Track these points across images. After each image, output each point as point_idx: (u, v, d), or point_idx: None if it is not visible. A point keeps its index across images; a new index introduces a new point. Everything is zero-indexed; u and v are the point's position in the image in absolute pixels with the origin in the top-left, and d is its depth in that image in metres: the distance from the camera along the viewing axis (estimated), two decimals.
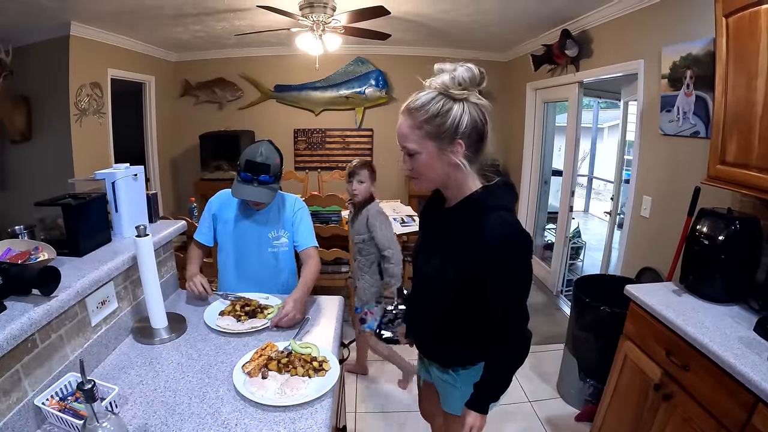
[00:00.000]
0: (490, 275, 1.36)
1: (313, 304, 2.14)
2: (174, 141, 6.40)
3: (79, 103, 4.45)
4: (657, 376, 1.99)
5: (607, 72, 3.84)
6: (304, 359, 1.56)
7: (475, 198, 1.41)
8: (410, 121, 1.35)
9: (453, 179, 1.42)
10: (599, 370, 2.75)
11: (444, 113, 1.31)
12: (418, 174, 1.42)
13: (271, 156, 2.14)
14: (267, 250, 2.29)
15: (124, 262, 1.74)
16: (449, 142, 1.33)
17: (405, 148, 1.38)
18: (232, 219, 2.27)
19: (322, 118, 6.41)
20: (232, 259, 2.30)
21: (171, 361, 1.62)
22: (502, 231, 1.34)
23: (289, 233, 2.32)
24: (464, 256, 1.40)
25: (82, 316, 1.52)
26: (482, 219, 1.37)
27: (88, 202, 1.75)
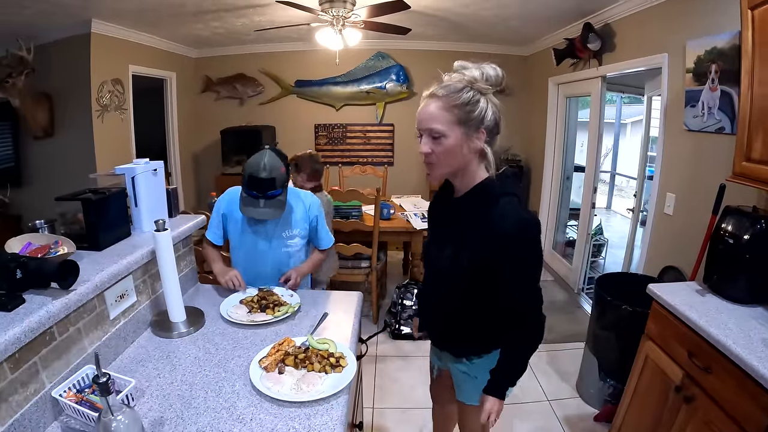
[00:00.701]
0: (503, 261, 1.41)
1: (330, 299, 2.14)
2: (195, 136, 6.45)
3: (100, 99, 4.50)
4: (678, 378, 1.95)
5: (630, 66, 3.77)
6: (321, 355, 1.55)
7: (486, 186, 1.47)
8: (440, 104, 1.39)
9: (467, 167, 1.48)
10: (620, 370, 2.71)
11: (474, 103, 1.39)
12: (438, 158, 1.44)
13: (275, 166, 2.04)
14: (281, 249, 2.28)
15: (143, 257, 1.75)
16: (474, 130, 1.41)
17: (431, 130, 1.41)
18: (242, 218, 2.24)
19: (343, 113, 6.41)
20: (245, 258, 2.30)
21: (188, 355, 1.63)
22: (512, 217, 1.40)
23: (303, 231, 2.32)
24: (476, 243, 1.45)
25: (100, 309, 1.54)
26: (493, 206, 1.42)
27: (108, 197, 1.77)
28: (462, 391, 1.78)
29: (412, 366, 3.59)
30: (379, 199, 3.74)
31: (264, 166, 2.01)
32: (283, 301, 2.02)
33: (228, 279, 2.12)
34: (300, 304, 2.02)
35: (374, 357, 3.63)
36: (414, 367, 3.58)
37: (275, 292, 2.10)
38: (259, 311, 1.94)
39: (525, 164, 6.12)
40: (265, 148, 2.11)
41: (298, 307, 1.99)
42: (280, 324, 1.87)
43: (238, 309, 1.96)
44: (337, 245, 3.65)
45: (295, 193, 2.34)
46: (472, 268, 1.47)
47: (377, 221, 3.80)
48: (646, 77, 4.48)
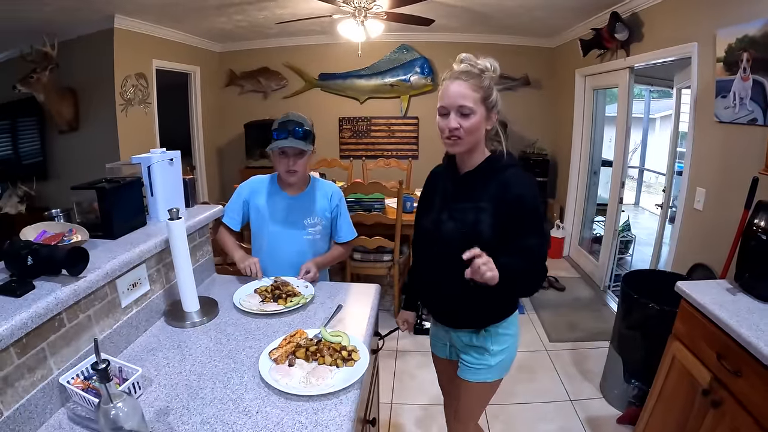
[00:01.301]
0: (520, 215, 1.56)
1: (347, 291, 2.10)
2: (219, 130, 6.51)
3: (124, 94, 4.56)
4: (706, 381, 1.85)
5: (658, 56, 3.67)
6: (333, 348, 1.52)
7: (493, 160, 1.65)
8: (469, 84, 1.54)
9: (480, 143, 1.65)
10: (645, 371, 2.61)
11: (491, 88, 1.58)
12: (466, 133, 1.56)
13: (304, 118, 2.20)
14: (302, 237, 2.26)
15: (157, 245, 1.74)
16: (492, 110, 1.60)
17: (462, 107, 1.54)
18: (265, 205, 2.25)
19: (367, 106, 6.40)
20: (266, 246, 2.28)
21: (199, 345, 1.61)
22: (521, 181, 1.60)
23: (324, 221, 2.30)
24: (494, 208, 1.59)
25: (111, 297, 1.53)
26: (504, 173, 1.62)
27: (122, 186, 1.76)
28: (471, 370, 1.81)
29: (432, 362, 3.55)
30: (402, 191, 3.70)
31: (293, 114, 2.19)
32: (297, 292, 1.99)
33: (246, 265, 2.11)
34: (313, 295, 1.98)
35: (394, 352, 3.60)
36: None
37: (290, 282, 2.08)
38: (271, 301, 1.92)
39: (551, 158, 6.03)
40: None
41: (311, 298, 1.95)
42: (294, 315, 1.84)
43: (251, 298, 1.95)
44: (359, 238, 3.61)
45: (318, 181, 2.35)
46: (493, 233, 1.58)
47: (400, 214, 3.76)
48: (675, 68, 4.38)
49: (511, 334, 1.80)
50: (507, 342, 1.79)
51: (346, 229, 2.38)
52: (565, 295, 4.67)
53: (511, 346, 1.81)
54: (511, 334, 1.80)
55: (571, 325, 4.01)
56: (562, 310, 4.31)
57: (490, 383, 1.82)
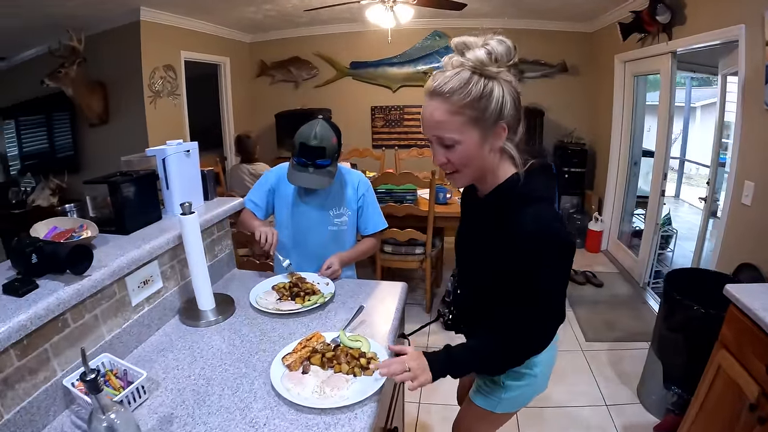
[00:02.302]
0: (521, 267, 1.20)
1: (371, 289, 2.00)
2: (250, 121, 6.49)
3: (152, 86, 4.57)
4: (754, 395, 1.68)
5: (702, 40, 3.44)
6: (351, 354, 1.42)
7: (510, 186, 1.25)
8: (446, 106, 1.15)
9: (489, 167, 1.26)
10: (687, 378, 2.46)
11: (488, 95, 1.13)
12: (457, 167, 1.23)
13: (327, 136, 2.00)
14: (328, 228, 2.18)
15: (170, 241, 1.67)
16: (492, 126, 1.17)
17: (440, 139, 1.19)
18: (291, 194, 2.18)
19: (400, 94, 6.29)
20: (290, 237, 2.20)
21: (211, 346, 1.54)
22: (536, 228, 1.17)
23: (350, 212, 2.21)
24: (498, 248, 1.25)
25: (120, 295, 1.46)
26: (517, 213, 1.20)
27: (135, 179, 1.69)
28: (480, 394, 1.61)
29: None
30: (435, 182, 3.58)
31: (315, 134, 1.97)
32: (317, 290, 1.90)
33: (262, 231, 1.97)
34: (333, 293, 1.89)
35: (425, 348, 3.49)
36: None
37: (309, 279, 2.00)
38: (288, 299, 1.84)
39: (590, 147, 5.81)
40: (318, 117, 2.08)
41: (330, 296, 1.86)
42: (312, 315, 1.75)
43: (268, 295, 1.87)
44: (390, 230, 3.54)
45: (344, 170, 2.25)
46: (494, 272, 1.30)
47: (432, 205, 3.64)
48: (720, 53, 4.12)
49: (533, 374, 1.51)
50: (526, 380, 1.52)
51: (374, 219, 2.27)
52: (602, 292, 4.49)
53: (531, 386, 1.54)
54: (534, 374, 1.51)
55: (608, 323, 3.84)
56: (600, 307, 4.14)
57: (498, 414, 1.59)
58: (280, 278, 2.02)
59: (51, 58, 4.35)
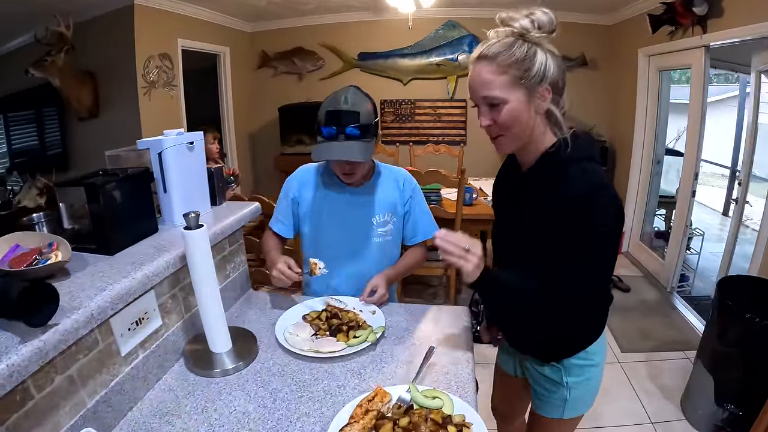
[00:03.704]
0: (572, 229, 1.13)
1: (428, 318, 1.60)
2: (252, 115, 6.12)
3: (147, 76, 4.19)
4: None
5: (742, 34, 3.13)
6: (432, 420, 1.01)
7: (554, 152, 1.21)
8: (492, 67, 1.14)
9: (534, 134, 1.22)
10: (742, 395, 2.31)
11: (531, 57, 1.14)
12: (503, 128, 1.18)
13: (360, 103, 1.58)
14: (371, 241, 1.73)
15: (170, 264, 1.24)
16: (536, 87, 1.15)
17: (487, 98, 1.17)
18: (318, 202, 1.73)
19: (411, 87, 5.86)
20: (321, 254, 1.72)
21: (233, 409, 1.12)
22: (584, 182, 1.14)
23: (396, 218, 1.76)
24: (547, 222, 1.19)
25: (105, 344, 1.05)
26: (563, 172, 1.17)
27: (122, 180, 1.27)
28: (544, 402, 1.46)
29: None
30: (464, 181, 3.18)
31: (346, 99, 1.57)
32: (362, 321, 1.49)
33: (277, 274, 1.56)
34: (385, 327, 1.46)
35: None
36: None
37: (350, 307, 1.58)
38: (327, 334, 1.43)
39: (610, 145, 5.45)
40: (349, 86, 1.65)
41: (382, 332, 1.44)
42: (361, 357, 1.34)
43: (299, 329, 1.45)
44: None
45: (384, 167, 1.80)
46: (548, 250, 1.19)
47: (460, 207, 3.26)
48: (753, 49, 3.81)
49: (593, 364, 1.39)
50: (587, 373, 1.39)
51: (424, 224, 1.82)
52: (630, 297, 4.15)
53: (594, 378, 1.42)
54: (594, 363, 1.40)
55: (642, 332, 3.52)
56: (631, 314, 3.80)
57: (567, 420, 1.45)
58: (312, 304, 1.60)
59: (38, 48, 3.94)
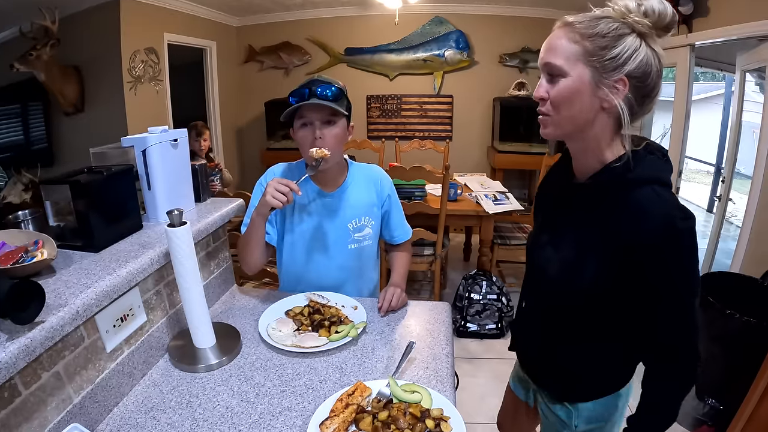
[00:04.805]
0: (647, 273, 0.99)
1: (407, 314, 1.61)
2: (238, 110, 6.09)
3: (133, 70, 4.16)
4: None
5: (727, 34, 3.19)
6: (411, 414, 1.04)
7: (619, 167, 1.01)
8: (568, 34, 0.98)
9: (594, 133, 1.03)
10: (723, 390, 2.36)
11: (614, 37, 0.95)
12: (554, 106, 1.02)
13: (332, 80, 1.55)
14: (347, 247, 1.70)
15: (154, 261, 1.26)
16: (609, 74, 0.96)
17: (547, 66, 1.01)
18: (292, 208, 1.67)
19: (398, 83, 5.87)
20: (295, 264, 1.73)
21: (217, 403, 1.14)
22: (660, 211, 0.96)
23: (374, 220, 1.75)
24: (604, 251, 1.03)
25: (90, 341, 1.07)
26: (630, 195, 1.00)
27: (107, 178, 1.28)
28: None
29: (480, 370, 3.13)
30: (448, 177, 3.20)
31: (315, 76, 1.55)
32: (343, 316, 1.51)
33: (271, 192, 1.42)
34: (366, 323, 1.48)
35: None
36: (483, 371, 3.12)
37: (332, 302, 1.60)
38: (309, 329, 1.45)
39: None
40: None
41: (363, 327, 1.46)
42: (343, 352, 1.36)
43: (282, 325, 1.47)
44: None
45: (357, 166, 1.76)
46: (595, 285, 1.06)
47: (444, 203, 3.28)
48: (738, 48, 3.85)
49: (604, 419, 1.26)
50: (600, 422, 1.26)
51: (402, 224, 1.83)
52: None
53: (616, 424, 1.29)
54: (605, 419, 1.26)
55: None
56: None
57: None
58: (294, 300, 1.62)
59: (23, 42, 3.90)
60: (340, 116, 1.54)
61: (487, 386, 2.93)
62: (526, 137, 5.21)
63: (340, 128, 1.55)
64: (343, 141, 1.59)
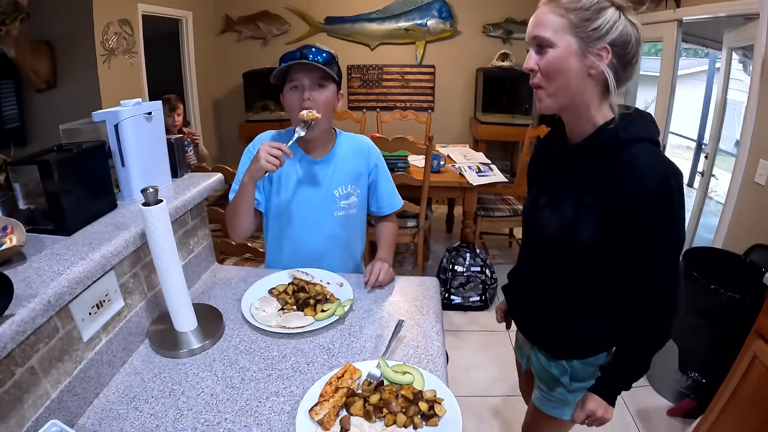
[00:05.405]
0: (642, 233, 1.06)
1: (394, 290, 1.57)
2: (216, 81, 5.92)
3: (106, 43, 4.01)
4: None
5: (715, 11, 3.12)
6: (404, 396, 1.01)
7: (610, 129, 1.10)
8: (553, 8, 1.06)
9: (584, 100, 1.10)
10: (706, 363, 2.40)
11: (596, 10, 1.03)
12: (546, 77, 1.08)
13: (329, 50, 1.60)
14: (333, 214, 1.69)
15: (129, 242, 1.20)
16: (594, 43, 1.04)
17: (536, 39, 1.08)
18: (279, 175, 1.66)
19: (379, 53, 5.74)
20: (282, 231, 1.71)
21: (201, 390, 1.10)
22: (654, 168, 1.03)
23: (360, 189, 1.73)
24: (599, 209, 1.10)
25: (65, 331, 1.01)
26: (623, 153, 1.06)
27: (77, 156, 1.21)
28: (544, 398, 1.40)
29: (465, 343, 3.15)
30: (431, 148, 3.15)
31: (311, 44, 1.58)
32: (329, 294, 1.47)
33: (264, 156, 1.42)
34: (353, 300, 1.45)
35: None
36: (468, 344, 3.13)
37: (317, 279, 1.55)
38: (294, 308, 1.41)
39: None
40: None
41: (350, 305, 1.42)
42: (330, 332, 1.33)
43: (265, 304, 1.42)
44: None
45: (345, 136, 1.76)
46: (593, 242, 1.12)
47: (428, 174, 3.25)
48: (725, 26, 3.83)
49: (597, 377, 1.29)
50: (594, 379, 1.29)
51: (390, 195, 1.82)
52: None
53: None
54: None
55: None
56: None
57: (564, 421, 1.37)
58: (278, 277, 1.57)
59: None
60: (331, 81, 1.57)
61: (472, 359, 2.94)
62: (509, 108, 5.17)
63: (331, 93, 1.58)
64: (332, 106, 1.61)
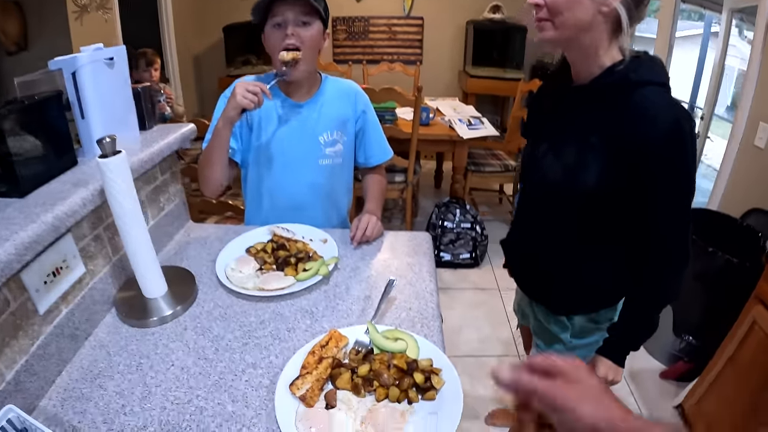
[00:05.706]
0: (653, 177, 1.02)
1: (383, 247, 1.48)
2: (195, 36, 5.71)
3: None
4: None
5: None
6: (396, 366, 0.91)
7: (620, 70, 1.03)
8: None
9: (592, 38, 1.03)
10: (701, 327, 2.36)
11: None
12: (552, 12, 1.01)
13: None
14: (317, 163, 1.58)
15: (86, 201, 1.06)
16: None
17: None
18: (260, 117, 1.53)
19: (365, 4, 5.54)
20: (261, 181, 1.60)
21: (171, 363, 1.00)
22: (666, 111, 0.99)
23: (347, 137, 1.62)
24: (608, 152, 1.05)
25: (18, 304, 0.89)
26: (634, 95, 1.00)
27: (29, 108, 1.07)
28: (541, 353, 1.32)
29: (456, 301, 3.09)
30: (420, 100, 3.03)
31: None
32: (312, 252, 1.37)
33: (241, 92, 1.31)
34: (338, 258, 1.34)
35: None
36: (459, 302, 3.08)
37: (299, 236, 1.45)
38: (273, 268, 1.31)
39: None
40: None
41: (335, 263, 1.32)
42: (313, 294, 1.23)
43: (242, 264, 1.32)
44: None
45: (331, 80, 1.63)
46: (599, 184, 1.07)
47: (416, 127, 3.14)
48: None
49: (603, 328, 1.27)
50: (596, 336, 1.29)
51: (379, 145, 1.71)
52: None
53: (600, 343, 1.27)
54: (600, 335, 1.27)
55: None
56: None
57: None
58: (256, 234, 1.46)
59: None
60: (317, 17, 1.43)
61: (463, 318, 2.89)
62: (500, 62, 5.08)
63: (316, 30, 1.44)
64: (317, 46, 1.47)
